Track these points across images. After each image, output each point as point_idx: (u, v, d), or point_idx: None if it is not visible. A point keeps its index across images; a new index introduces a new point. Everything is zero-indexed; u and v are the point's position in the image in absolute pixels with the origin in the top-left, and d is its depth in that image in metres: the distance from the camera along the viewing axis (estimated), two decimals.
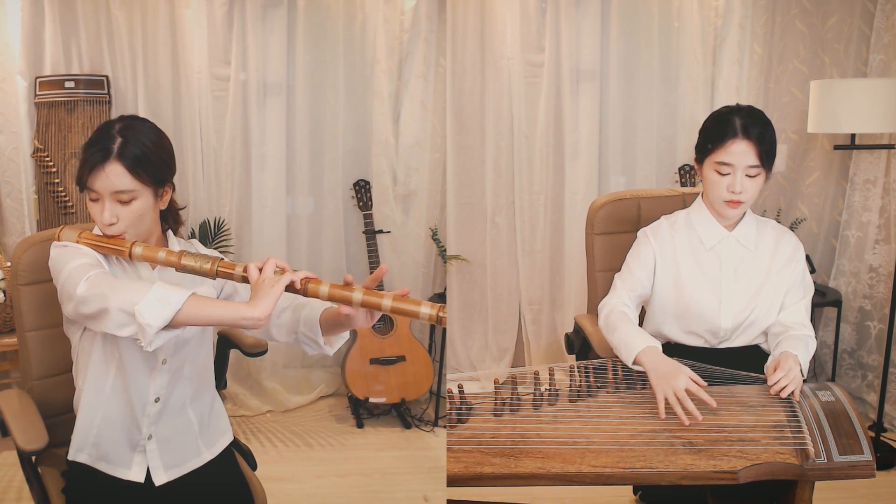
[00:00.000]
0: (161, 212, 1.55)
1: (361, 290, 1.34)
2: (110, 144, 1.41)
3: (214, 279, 1.41)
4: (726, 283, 1.83)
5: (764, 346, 1.87)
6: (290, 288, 1.34)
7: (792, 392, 1.59)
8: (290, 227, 3.32)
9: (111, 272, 1.45)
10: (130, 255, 1.43)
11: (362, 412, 3.23)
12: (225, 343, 1.92)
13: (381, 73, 3.26)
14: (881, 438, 2.80)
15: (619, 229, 2.20)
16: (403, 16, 3.24)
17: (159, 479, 1.54)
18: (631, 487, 2.37)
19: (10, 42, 2.91)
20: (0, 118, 2.94)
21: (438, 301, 3.01)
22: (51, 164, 2.95)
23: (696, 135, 1.84)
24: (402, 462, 2.88)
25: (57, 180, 2.96)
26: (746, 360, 1.76)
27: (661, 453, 1.43)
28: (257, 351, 1.89)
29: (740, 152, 1.71)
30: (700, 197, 1.90)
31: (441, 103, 3.30)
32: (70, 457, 1.53)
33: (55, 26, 2.93)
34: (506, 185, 3.34)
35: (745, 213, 1.85)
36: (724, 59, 3.18)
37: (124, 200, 1.43)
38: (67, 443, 1.59)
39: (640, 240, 1.91)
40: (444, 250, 3.34)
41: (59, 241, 1.46)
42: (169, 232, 1.59)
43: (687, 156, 3.23)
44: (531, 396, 1.60)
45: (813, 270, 1.92)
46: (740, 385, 1.66)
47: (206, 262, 1.38)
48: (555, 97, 3.24)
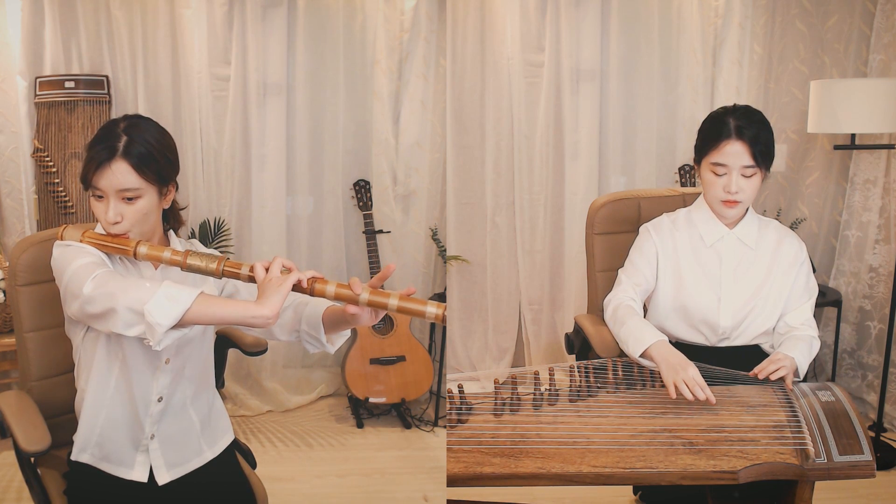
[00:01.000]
0: (163, 212, 1.55)
1: (368, 289, 1.35)
2: (116, 143, 1.41)
3: (221, 278, 1.41)
4: (726, 281, 1.83)
5: (765, 347, 1.87)
6: (297, 287, 1.34)
7: (784, 379, 1.64)
8: (290, 227, 3.32)
9: (115, 271, 1.44)
10: (135, 255, 1.42)
11: (362, 412, 3.23)
12: (223, 342, 1.91)
13: (381, 73, 3.26)
14: (881, 438, 2.80)
15: (619, 229, 2.20)
16: (403, 16, 3.24)
17: (162, 479, 1.54)
18: (631, 487, 2.37)
19: (10, 42, 2.91)
20: (0, 118, 2.94)
21: (439, 301, 3.01)
22: (51, 164, 2.95)
23: (696, 135, 1.85)
24: (402, 462, 2.88)
25: (57, 180, 2.96)
26: (747, 360, 1.76)
27: (661, 453, 1.43)
28: (257, 350, 1.88)
29: (734, 153, 1.73)
30: (702, 195, 1.91)
31: (441, 103, 3.30)
32: (73, 457, 1.53)
33: (55, 26, 2.93)
34: (506, 185, 3.34)
35: (748, 211, 1.87)
36: (724, 59, 3.18)
37: (129, 199, 1.43)
38: (67, 444, 1.59)
39: (642, 235, 1.93)
40: (444, 250, 3.34)
41: (61, 240, 1.45)
42: (171, 232, 1.59)
43: (687, 156, 3.23)
44: (531, 396, 1.60)
45: (813, 270, 1.93)
46: (740, 385, 1.66)
47: (213, 262, 1.38)
48: (555, 97, 3.23)
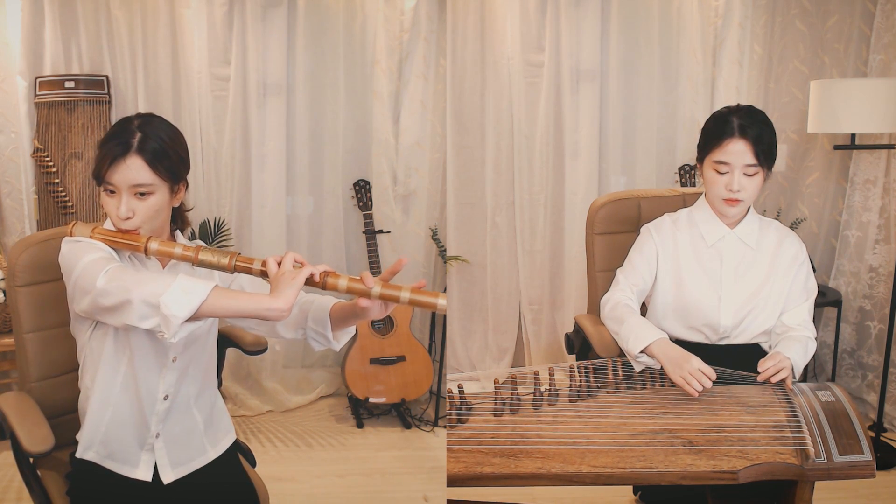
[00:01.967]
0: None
1: (379, 283, 1.35)
2: (130, 139, 1.42)
3: (232, 273, 1.41)
4: (726, 280, 1.84)
5: (765, 346, 1.88)
6: (309, 281, 1.34)
7: (784, 380, 1.64)
8: (290, 227, 3.32)
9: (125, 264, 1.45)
10: (146, 250, 1.42)
11: (362, 412, 3.23)
12: (223, 341, 1.89)
13: (381, 73, 3.26)
14: (881, 438, 2.80)
15: (619, 229, 2.20)
16: (403, 16, 3.24)
17: (167, 478, 1.55)
18: (631, 487, 2.37)
19: (10, 42, 2.91)
20: (0, 118, 2.94)
21: None
22: (51, 164, 2.95)
23: (697, 135, 1.87)
24: (402, 462, 2.88)
25: (57, 180, 2.96)
26: (747, 359, 1.76)
27: (661, 453, 1.43)
28: (257, 349, 1.88)
29: (737, 151, 1.74)
30: (703, 195, 1.91)
31: (441, 103, 3.30)
32: (78, 454, 1.53)
33: (55, 26, 2.93)
34: (506, 185, 3.34)
35: (749, 211, 1.87)
36: (724, 59, 3.18)
37: (142, 194, 1.43)
38: (67, 445, 1.59)
39: (642, 235, 1.93)
40: (444, 250, 3.34)
41: (71, 236, 1.46)
42: (177, 232, 1.60)
43: (687, 156, 3.23)
44: (531, 396, 1.60)
45: (813, 270, 1.93)
46: (740, 385, 1.66)
47: (224, 257, 1.39)
48: (555, 97, 3.23)
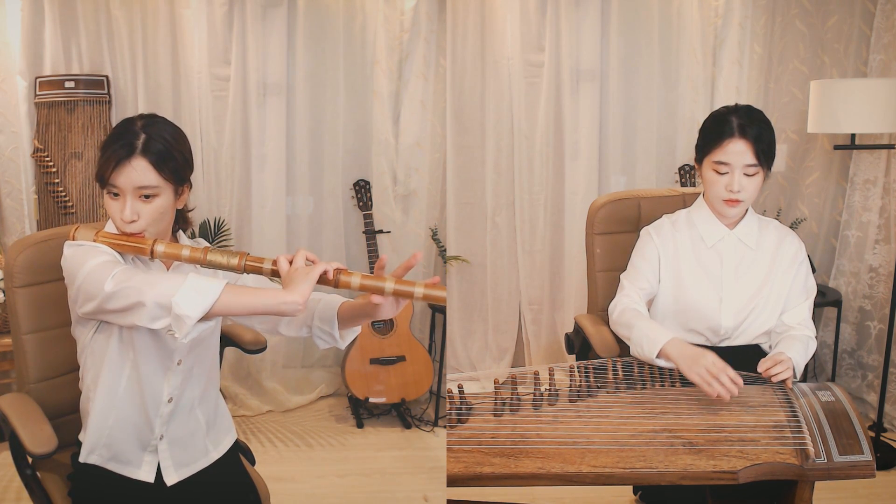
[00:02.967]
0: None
1: (392, 279, 1.34)
2: (135, 140, 1.40)
3: (242, 274, 1.41)
4: (727, 281, 1.83)
5: (765, 347, 1.87)
6: (322, 279, 1.34)
7: (785, 380, 1.63)
8: (290, 227, 3.32)
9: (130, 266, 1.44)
10: (152, 253, 1.41)
11: (362, 412, 3.23)
12: (222, 341, 1.85)
13: (381, 73, 3.26)
14: (881, 438, 2.80)
15: (619, 229, 2.20)
16: (403, 16, 3.24)
17: (170, 479, 1.54)
18: (631, 487, 2.37)
19: (10, 42, 2.91)
20: (0, 118, 2.94)
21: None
22: (51, 164, 2.95)
23: (696, 135, 1.85)
24: (402, 462, 2.88)
25: (57, 180, 2.96)
26: (747, 360, 1.76)
27: (661, 453, 1.43)
28: (256, 348, 1.88)
29: (737, 151, 1.73)
30: (702, 196, 1.91)
31: (441, 103, 3.30)
32: (81, 459, 1.52)
33: (55, 26, 2.93)
34: (506, 185, 3.34)
35: (748, 211, 1.87)
36: (724, 59, 3.18)
37: (146, 196, 1.42)
38: (68, 446, 1.58)
39: (643, 238, 1.93)
40: (444, 250, 3.34)
41: (73, 240, 1.44)
42: (179, 232, 1.59)
43: (687, 156, 3.23)
44: (531, 396, 1.60)
45: (813, 270, 1.93)
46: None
47: (234, 258, 1.38)
48: (555, 97, 3.23)
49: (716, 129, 1.77)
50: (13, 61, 2.92)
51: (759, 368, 1.66)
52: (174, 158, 1.44)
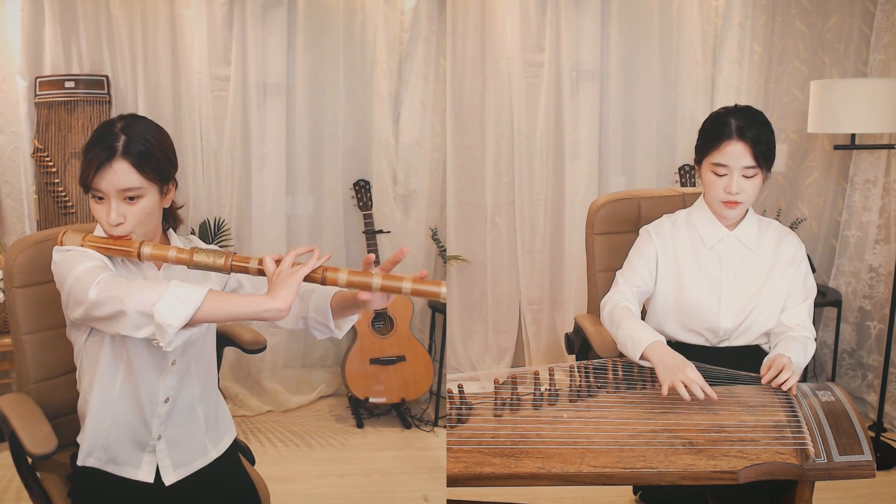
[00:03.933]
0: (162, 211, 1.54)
1: (380, 274, 1.33)
2: (115, 142, 1.39)
3: (229, 274, 1.40)
4: (726, 282, 1.83)
5: (765, 347, 1.87)
6: (309, 277, 1.33)
7: (790, 387, 1.61)
8: (290, 227, 3.32)
9: (118, 273, 1.43)
10: (139, 256, 1.40)
11: (362, 412, 3.23)
12: (221, 340, 1.88)
13: (381, 73, 3.26)
14: (881, 438, 2.80)
15: (619, 229, 2.20)
16: (403, 16, 3.24)
17: (169, 479, 1.54)
18: (631, 487, 2.37)
19: (10, 42, 2.91)
20: (0, 118, 2.94)
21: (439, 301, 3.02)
22: (51, 164, 2.95)
23: (696, 135, 1.85)
24: (402, 462, 2.88)
25: (57, 180, 2.96)
26: (747, 360, 1.76)
27: (661, 453, 1.43)
28: (256, 348, 1.87)
29: (736, 153, 1.73)
30: (702, 196, 1.90)
31: (441, 103, 3.30)
32: (79, 462, 1.52)
33: (55, 26, 2.92)
34: (506, 185, 3.34)
35: (748, 212, 1.86)
36: (724, 59, 3.18)
37: (131, 198, 1.41)
38: (67, 446, 1.58)
39: (641, 237, 1.93)
40: (444, 250, 3.34)
41: (61, 245, 1.43)
42: (170, 231, 1.58)
43: (687, 156, 3.23)
44: (531, 396, 1.60)
45: (813, 270, 1.92)
46: (740, 385, 1.66)
47: (220, 258, 1.37)
48: (555, 97, 3.23)
49: (714, 131, 1.76)
50: (13, 61, 2.92)
51: (763, 380, 1.65)
52: (156, 158, 1.43)
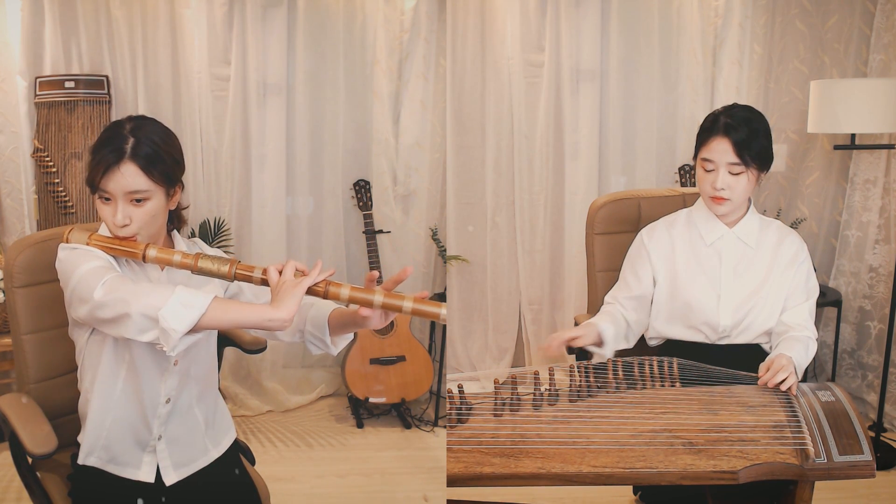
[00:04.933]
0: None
1: (382, 292, 1.34)
2: (123, 144, 1.39)
3: (232, 282, 1.40)
4: (725, 279, 1.84)
5: (765, 346, 1.87)
6: (311, 290, 1.33)
7: (789, 387, 1.61)
8: (290, 227, 3.32)
9: (123, 274, 1.43)
10: (144, 258, 1.40)
11: (362, 412, 3.23)
12: (221, 341, 1.88)
13: (381, 73, 3.26)
14: (881, 438, 2.80)
15: (619, 229, 2.20)
16: (403, 16, 3.24)
17: (169, 479, 1.54)
18: (631, 487, 2.37)
19: (10, 42, 2.91)
20: (0, 118, 2.94)
21: (438, 301, 3.01)
22: (51, 164, 2.95)
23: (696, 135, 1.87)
24: (402, 462, 2.88)
25: (57, 180, 2.96)
26: (747, 359, 1.76)
27: (661, 453, 1.43)
28: (256, 348, 1.88)
29: (721, 150, 1.76)
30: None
31: (441, 103, 3.30)
32: (80, 461, 1.52)
33: (55, 26, 2.93)
34: (506, 185, 3.34)
35: (749, 210, 1.87)
36: (724, 59, 3.18)
37: (138, 200, 1.41)
38: (68, 446, 1.58)
39: (633, 245, 1.98)
40: (444, 250, 3.34)
41: (67, 242, 1.43)
42: (174, 232, 1.58)
43: (687, 156, 3.23)
44: (531, 396, 1.60)
45: (813, 270, 1.93)
46: (740, 385, 1.66)
47: (224, 265, 1.37)
48: (555, 97, 3.23)
49: (706, 127, 1.81)
50: (13, 61, 2.92)
51: (761, 382, 1.64)
52: (164, 161, 1.43)
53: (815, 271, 1.92)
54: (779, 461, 1.42)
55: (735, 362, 1.72)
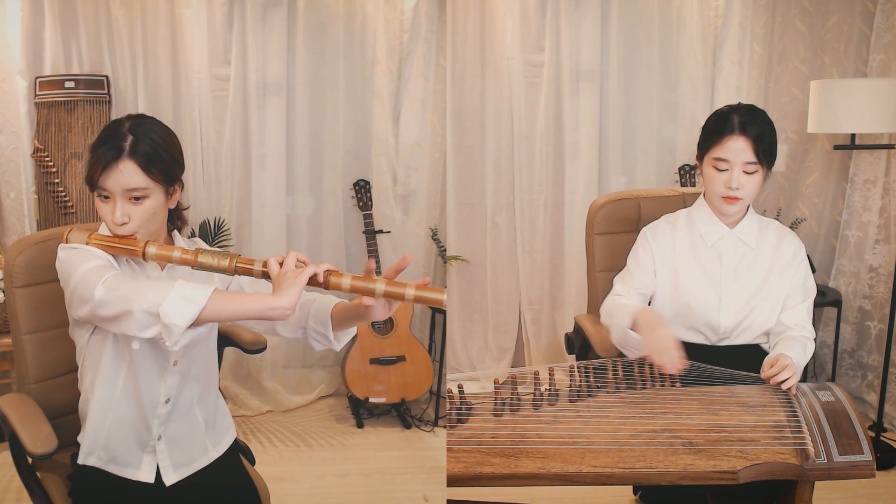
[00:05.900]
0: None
1: (384, 281, 1.33)
2: (122, 142, 1.40)
3: (233, 275, 1.40)
4: (726, 280, 1.84)
5: (765, 346, 1.87)
6: (312, 280, 1.33)
7: (789, 387, 1.61)
8: (290, 227, 3.32)
9: (123, 272, 1.44)
10: (144, 255, 1.40)
11: (362, 412, 3.23)
12: (221, 340, 1.87)
13: (381, 73, 3.26)
14: (881, 438, 2.80)
15: (619, 229, 2.20)
16: (403, 16, 3.24)
17: (169, 479, 1.54)
18: (631, 487, 2.37)
19: (10, 42, 2.91)
20: (0, 118, 2.94)
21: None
22: (51, 164, 2.95)
23: (697, 135, 1.86)
24: (402, 462, 2.88)
25: (57, 180, 2.96)
26: (747, 359, 1.76)
27: (661, 453, 1.43)
28: (256, 348, 1.87)
29: (737, 149, 1.73)
30: (702, 195, 1.91)
31: (441, 103, 3.30)
32: (80, 461, 1.52)
33: (55, 26, 2.92)
34: (506, 185, 3.34)
35: (748, 211, 1.87)
36: (724, 59, 3.18)
37: (136, 198, 1.41)
38: (68, 446, 1.58)
39: (638, 240, 1.94)
40: (444, 250, 3.34)
41: (67, 242, 1.44)
42: (175, 232, 1.58)
43: (687, 156, 3.23)
44: (531, 396, 1.60)
45: (813, 270, 1.93)
46: (740, 385, 1.66)
47: (224, 259, 1.37)
48: (555, 97, 3.23)
49: (717, 126, 1.77)
50: (13, 61, 2.92)
51: (764, 376, 1.65)
52: (162, 159, 1.43)
53: (814, 271, 1.92)
54: (779, 461, 1.42)
55: (735, 362, 1.72)
